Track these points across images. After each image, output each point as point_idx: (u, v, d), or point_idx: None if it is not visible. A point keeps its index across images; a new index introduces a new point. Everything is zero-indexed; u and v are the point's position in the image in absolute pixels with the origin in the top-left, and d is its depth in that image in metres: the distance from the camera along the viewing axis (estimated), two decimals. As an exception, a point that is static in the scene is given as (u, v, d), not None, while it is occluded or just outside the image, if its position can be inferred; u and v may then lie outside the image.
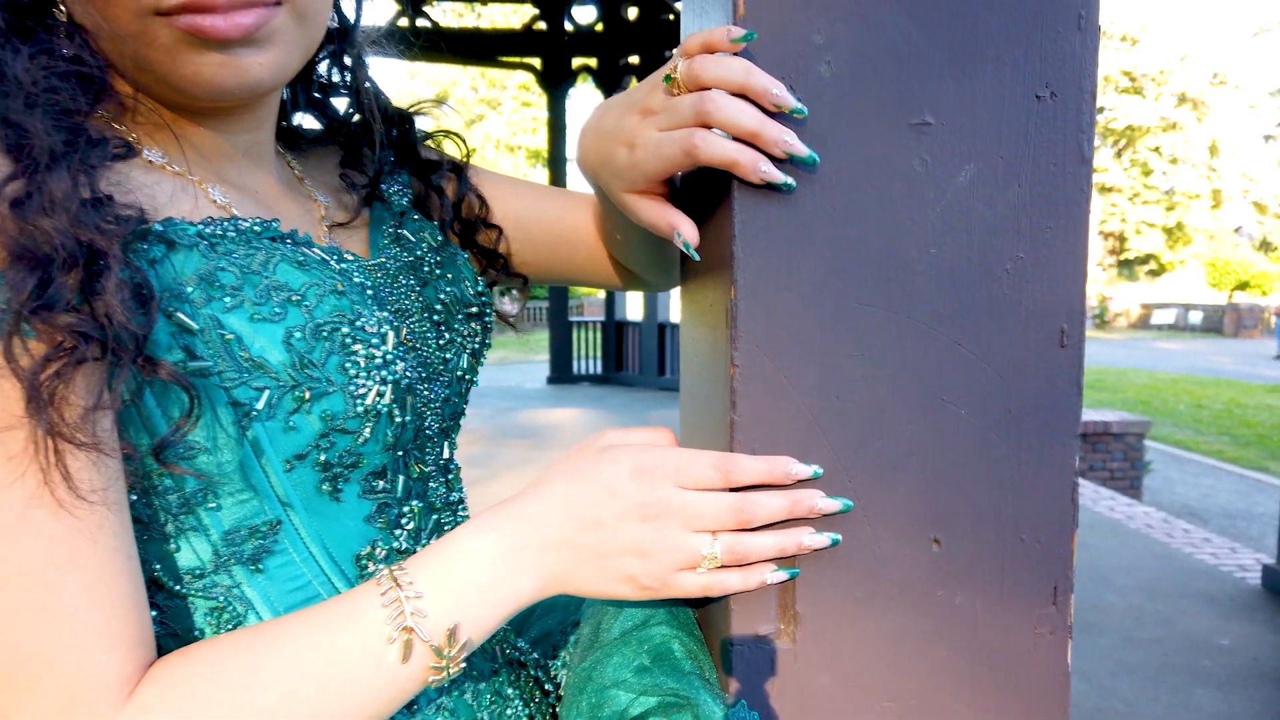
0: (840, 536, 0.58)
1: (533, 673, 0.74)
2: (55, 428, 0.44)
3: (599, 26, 10.64)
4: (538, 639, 0.80)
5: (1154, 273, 41.72)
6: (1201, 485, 8.35)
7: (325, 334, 0.55)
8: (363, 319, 0.58)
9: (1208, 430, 11.05)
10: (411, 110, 0.79)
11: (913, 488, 0.59)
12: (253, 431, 0.53)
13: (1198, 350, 22.32)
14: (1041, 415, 0.60)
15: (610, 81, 10.64)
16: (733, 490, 0.57)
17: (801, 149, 0.55)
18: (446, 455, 0.70)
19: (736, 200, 0.57)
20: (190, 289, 0.52)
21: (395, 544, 0.63)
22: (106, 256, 0.46)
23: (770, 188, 0.56)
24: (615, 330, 11.35)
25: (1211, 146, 39.46)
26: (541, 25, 10.60)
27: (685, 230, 0.60)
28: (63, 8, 0.56)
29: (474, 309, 0.73)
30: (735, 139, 0.55)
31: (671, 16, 10.34)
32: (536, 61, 10.87)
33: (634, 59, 10.58)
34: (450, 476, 0.71)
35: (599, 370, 11.57)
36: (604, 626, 0.68)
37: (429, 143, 0.81)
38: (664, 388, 10.58)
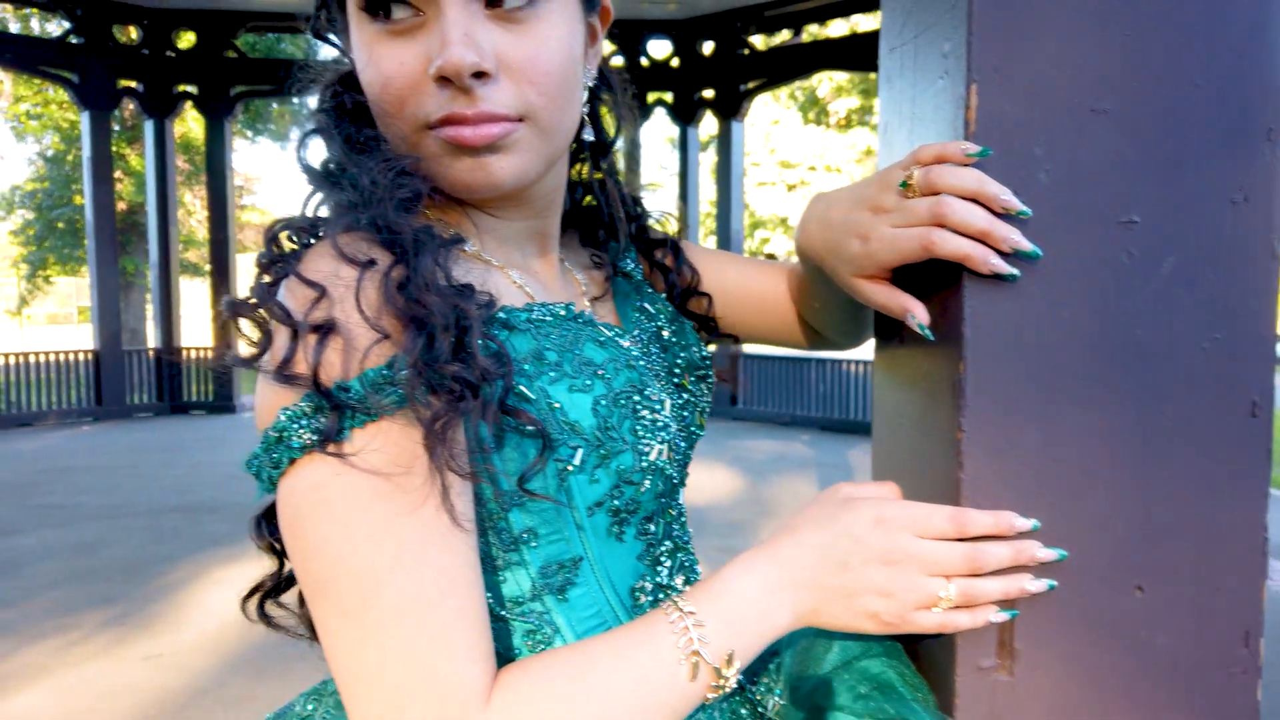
0: (1055, 582, 0.66)
1: (748, 694, 0.83)
2: (447, 464, 0.55)
3: (674, 61, 10.85)
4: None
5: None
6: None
7: (621, 402, 0.66)
8: (649, 389, 0.68)
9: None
10: (639, 196, 0.90)
11: (1119, 541, 0.67)
12: (567, 483, 0.64)
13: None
14: (1234, 477, 0.67)
15: (685, 114, 10.82)
16: (963, 540, 0.65)
17: (1026, 245, 0.64)
18: (681, 501, 0.80)
19: (967, 288, 0.66)
20: (526, 365, 0.63)
21: (658, 578, 0.73)
22: (472, 323, 0.57)
23: (996, 277, 0.65)
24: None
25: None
26: (618, 60, 10.84)
27: (919, 314, 0.69)
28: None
29: (702, 371, 0.84)
30: (966, 236, 0.64)
31: (747, 51, 10.49)
32: (612, 96, 11.07)
33: (708, 92, 10.76)
34: (683, 519, 0.81)
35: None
36: (815, 657, 0.77)
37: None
38: (736, 418, 10.63)
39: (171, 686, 3.26)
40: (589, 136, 0.81)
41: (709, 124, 11.42)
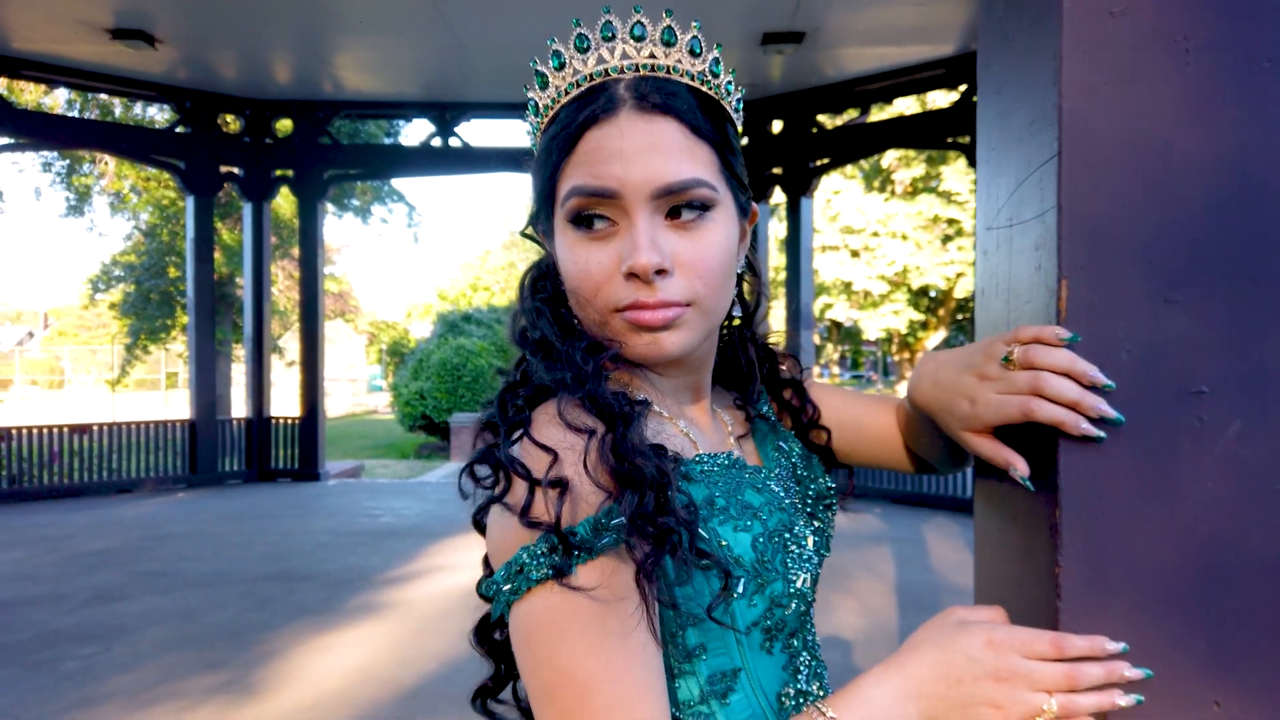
0: (1143, 697, 0.78)
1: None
2: (653, 595, 0.70)
3: (744, 140, 11.13)
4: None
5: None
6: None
7: (774, 539, 0.80)
8: (797, 526, 0.83)
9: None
10: (772, 345, 1.06)
11: (1199, 662, 0.79)
12: (731, 607, 0.78)
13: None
14: (1300, 609, 0.79)
15: (756, 190, 11.06)
16: (1062, 660, 0.78)
17: (1111, 413, 0.77)
18: (813, 615, 0.94)
19: (1061, 447, 0.79)
20: (702, 510, 0.78)
21: (798, 685, 0.86)
22: (671, 480, 0.73)
23: (1085, 438, 0.78)
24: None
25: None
26: (690, 140, 11.14)
27: (1021, 468, 0.82)
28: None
29: (829, 500, 0.98)
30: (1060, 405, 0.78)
31: (815, 130, 10.74)
32: (684, 174, 11.38)
33: (777, 169, 11.02)
34: (814, 631, 0.94)
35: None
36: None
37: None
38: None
39: (278, 753, 3.43)
40: (737, 313, 0.97)
41: (776, 196, 11.66)
